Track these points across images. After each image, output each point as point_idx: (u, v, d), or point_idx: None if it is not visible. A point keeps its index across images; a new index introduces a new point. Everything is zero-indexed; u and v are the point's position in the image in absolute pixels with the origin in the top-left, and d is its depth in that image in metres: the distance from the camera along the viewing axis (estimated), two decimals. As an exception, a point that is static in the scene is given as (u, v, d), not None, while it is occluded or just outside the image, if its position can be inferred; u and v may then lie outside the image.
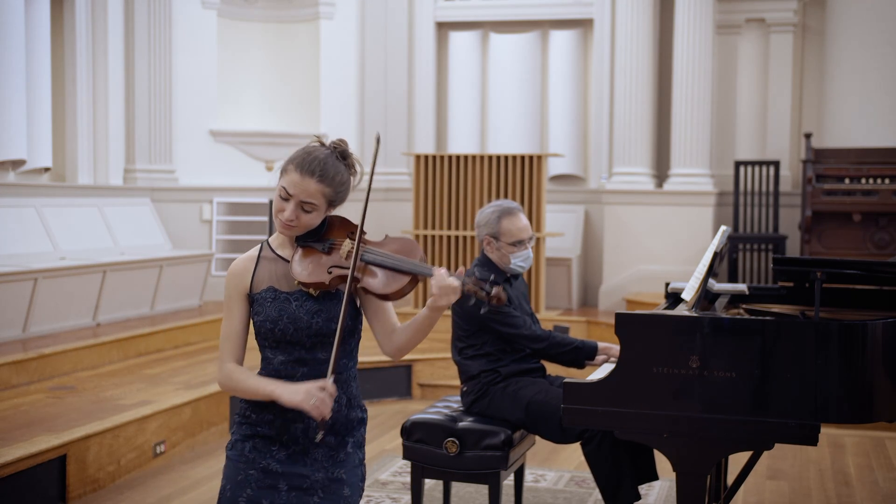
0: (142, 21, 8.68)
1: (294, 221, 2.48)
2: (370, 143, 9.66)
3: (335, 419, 2.51)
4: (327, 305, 2.49)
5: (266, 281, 2.51)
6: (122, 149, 8.72)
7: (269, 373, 2.51)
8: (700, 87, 8.44)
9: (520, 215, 4.07)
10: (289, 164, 2.49)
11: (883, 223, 7.95)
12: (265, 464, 2.49)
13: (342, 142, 2.56)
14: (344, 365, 2.57)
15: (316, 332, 2.48)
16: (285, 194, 2.47)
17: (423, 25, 9.58)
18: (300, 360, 2.49)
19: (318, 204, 2.49)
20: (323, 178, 2.48)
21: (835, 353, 3.12)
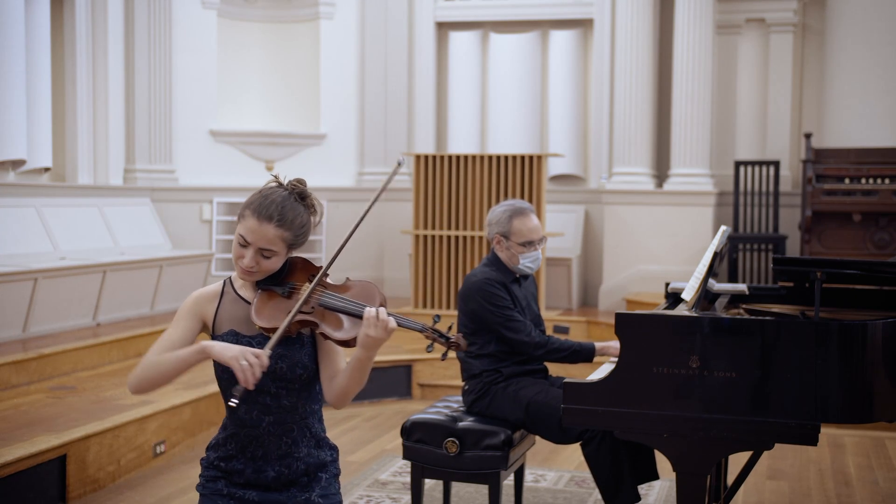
0: (142, 21, 8.68)
1: (254, 268, 2.44)
2: (371, 143, 9.66)
3: (307, 463, 2.51)
4: (291, 351, 2.46)
5: (227, 323, 2.48)
6: (122, 149, 8.72)
7: (235, 423, 2.49)
8: (700, 87, 8.44)
9: (531, 216, 4.07)
10: (245, 209, 2.44)
11: (883, 223, 7.95)
12: (240, 495, 2.49)
13: (300, 182, 2.51)
14: (310, 409, 2.54)
15: (280, 377, 2.45)
16: (243, 241, 2.42)
17: (423, 25, 9.58)
18: (265, 408, 2.46)
19: (278, 249, 2.44)
20: (282, 223, 2.42)
21: (835, 353, 3.12)
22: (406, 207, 9.29)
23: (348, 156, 9.69)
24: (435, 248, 8.34)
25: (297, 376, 2.46)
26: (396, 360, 7.02)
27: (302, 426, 2.51)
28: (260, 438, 2.48)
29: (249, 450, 2.49)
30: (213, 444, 2.56)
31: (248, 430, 2.48)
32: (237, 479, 2.50)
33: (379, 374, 6.90)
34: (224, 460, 2.51)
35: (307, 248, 9.34)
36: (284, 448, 2.49)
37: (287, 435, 2.49)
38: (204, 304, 2.51)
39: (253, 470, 2.49)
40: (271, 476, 2.48)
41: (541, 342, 3.98)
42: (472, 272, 4.11)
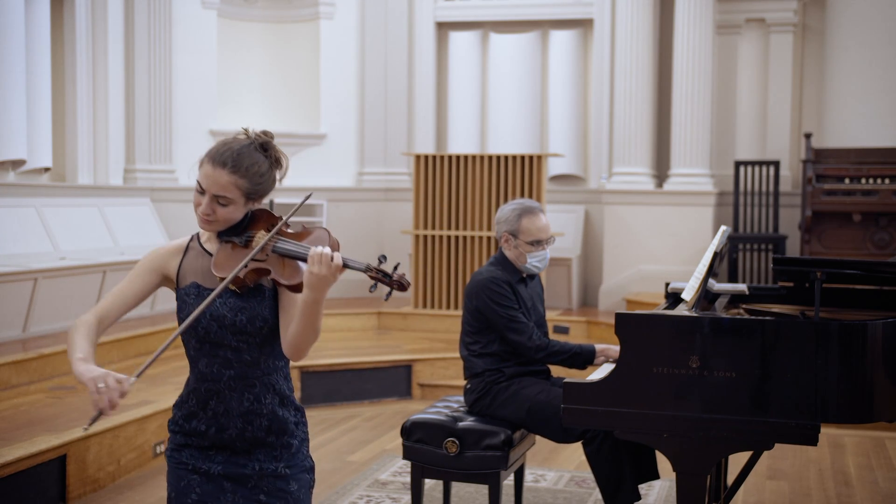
0: (142, 21, 8.68)
1: (211, 216, 2.40)
2: (371, 143, 9.66)
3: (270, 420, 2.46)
4: (251, 303, 2.41)
5: (191, 276, 2.45)
6: (122, 149, 8.72)
7: (196, 377, 2.45)
8: (700, 87, 8.44)
9: (540, 215, 4.07)
10: (204, 156, 2.42)
11: (883, 223, 7.95)
12: (206, 468, 2.44)
13: (266, 133, 2.47)
14: (273, 365, 2.48)
15: (240, 329, 2.40)
16: (199, 188, 2.39)
17: (423, 25, 9.58)
18: (226, 361, 2.42)
19: (233, 197, 2.39)
20: (235, 170, 2.37)
21: (835, 353, 3.12)
22: (406, 207, 9.29)
23: (348, 156, 9.69)
24: (435, 248, 8.35)
25: (257, 329, 2.40)
26: (396, 361, 7.02)
27: (265, 382, 2.45)
28: (221, 394, 2.43)
29: (211, 405, 2.43)
30: (178, 401, 2.51)
31: (208, 385, 2.42)
32: (200, 441, 2.45)
33: (379, 374, 6.90)
34: (186, 419, 2.46)
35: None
36: (247, 404, 2.43)
37: (249, 391, 2.43)
38: (166, 258, 2.48)
39: (216, 429, 2.44)
40: (234, 434, 2.43)
41: (541, 346, 3.98)
42: (478, 270, 4.12)
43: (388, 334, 8.13)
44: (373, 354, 7.13)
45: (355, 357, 6.98)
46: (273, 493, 2.45)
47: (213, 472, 2.44)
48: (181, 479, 2.45)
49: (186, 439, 2.47)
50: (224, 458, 2.45)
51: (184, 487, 2.44)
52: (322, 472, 5.13)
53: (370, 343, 7.69)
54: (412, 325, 8.32)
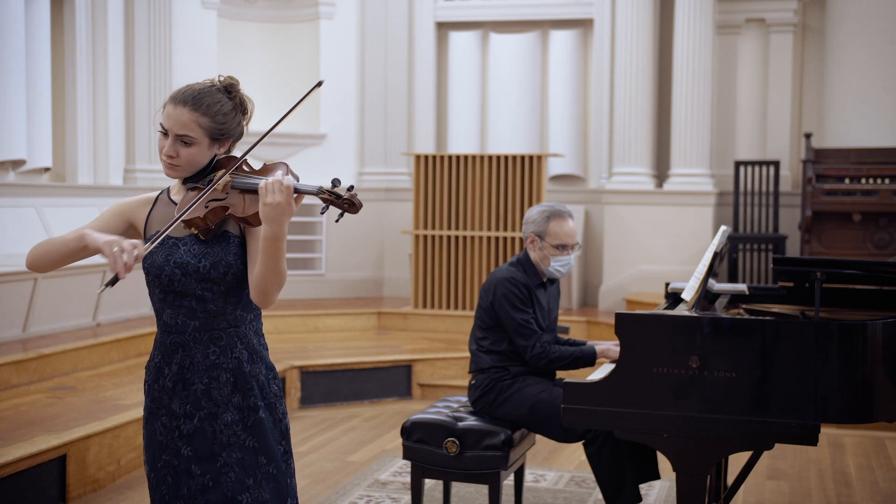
0: (142, 21, 8.68)
1: (175, 159, 2.39)
2: (371, 143, 9.66)
3: (236, 376, 2.40)
4: (215, 249, 2.37)
5: (157, 224, 2.44)
6: (122, 149, 8.72)
7: (162, 329, 2.42)
8: (700, 87, 8.44)
9: (568, 220, 4.07)
10: (167, 99, 2.42)
11: (883, 223, 7.95)
12: (176, 448, 2.40)
13: (231, 78, 2.48)
14: (241, 317, 2.43)
15: (203, 276, 2.35)
16: (162, 129, 2.39)
17: (423, 25, 9.58)
18: (190, 311, 2.38)
19: (196, 137, 2.38)
20: (197, 107, 2.37)
21: (835, 353, 3.12)
22: (406, 207, 9.30)
23: (348, 156, 9.68)
24: (435, 248, 8.35)
25: (220, 275, 2.36)
26: (396, 361, 7.02)
27: (232, 335, 2.40)
28: (186, 346, 2.39)
29: (176, 359, 2.39)
30: (148, 362, 2.48)
31: (174, 338, 2.39)
32: (168, 405, 2.40)
33: (379, 374, 6.90)
34: (155, 378, 2.42)
35: (307, 246, 9.34)
36: (213, 357, 2.39)
37: (215, 343, 2.39)
38: (134, 207, 2.48)
39: (182, 384, 2.39)
40: (199, 390, 2.38)
41: (542, 354, 3.98)
42: (498, 268, 4.13)
43: (388, 334, 8.13)
44: (373, 354, 7.13)
45: (355, 357, 6.98)
46: (243, 470, 2.39)
47: (182, 453, 2.40)
48: (157, 460, 2.43)
49: (156, 406, 2.43)
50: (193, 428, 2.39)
51: (160, 469, 2.43)
52: (322, 472, 5.13)
53: (370, 343, 7.69)
54: (412, 325, 8.32)
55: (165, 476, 2.41)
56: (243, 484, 2.39)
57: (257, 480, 2.40)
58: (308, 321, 8.13)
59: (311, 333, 8.07)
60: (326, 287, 9.30)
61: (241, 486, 2.38)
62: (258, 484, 2.40)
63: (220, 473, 2.38)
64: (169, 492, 2.40)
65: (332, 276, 9.33)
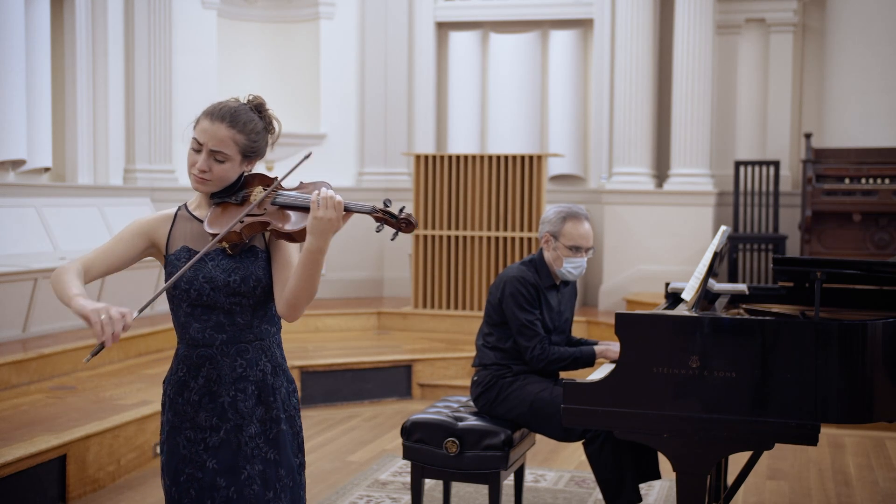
0: (142, 21, 8.68)
1: (207, 174, 2.40)
2: (371, 143, 9.66)
3: (260, 388, 2.44)
4: (244, 263, 2.40)
5: (180, 240, 2.44)
6: (122, 149, 8.72)
7: (187, 343, 2.42)
8: (700, 87, 8.44)
9: (584, 223, 4.06)
10: (200, 115, 2.45)
11: (883, 223, 7.95)
12: (201, 461, 2.41)
13: (258, 97, 2.52)
14: (266, 331, 2.47)
15: (233, 291, 2.38)
16: (196, 145, 2.41)
17: (423, 25, 9.58)
18: (218, 325, 2.40)
19: (231, 154, 2.41)
20: (234, 124, 2.41)
21: (834, 354, 3.12)
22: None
23: (348, 156, 9.68)
24: (435, 248, 8.35)
25: (250, 289, 2.39)
26: (396, 361, 7.02)
27: (258, 348, 2.43)
28: (214, 359, 2.41)
29: (203, 372, 2.41)
30: (167, 378, 2.48)
31: (201, 351, 2.41)
32: (193, 418, 2.41)
33: (379, 374, 6.90)
34: (178, 392, 2.42)
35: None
36: (239, 370, 2.42)
37: (242, 356, 2.42)
38: (155, 225, 2.46)
39: (209, 398, 2.41)
40: (226, 402, 2.41)
41: (541, 356, 3.97)
42: (510, 266, 4.13)
43: (388, 334, 8.13)
44: (373, 354, 7.13)
45: (355, 357, 6.98)
46: (264, 483, 2.42)
47: (208, 465, 2.41)
48: (180, 474, 2.42)
49: (180, 420, 2.43)
50: (219, 441, 2.41)
51: (183, 483, 2.42)
52: (322, 472, 5.13)
53: (370, 343, 7.69)
54: (412, 325, 8.32)
55: (188, 489, 2.41)
56: (264, 497, 2.42)
57: (277, 493, 2.44)
58: (308, 321, 8.13)
59: (312, 333, 8.07)
60: (327, 287, 9.30)
61: (261, 499, 2.42)
62: (277, 497, 2.44)
63: (243, 486, 2.41)
64: None
65: (332, 276, 9.32)
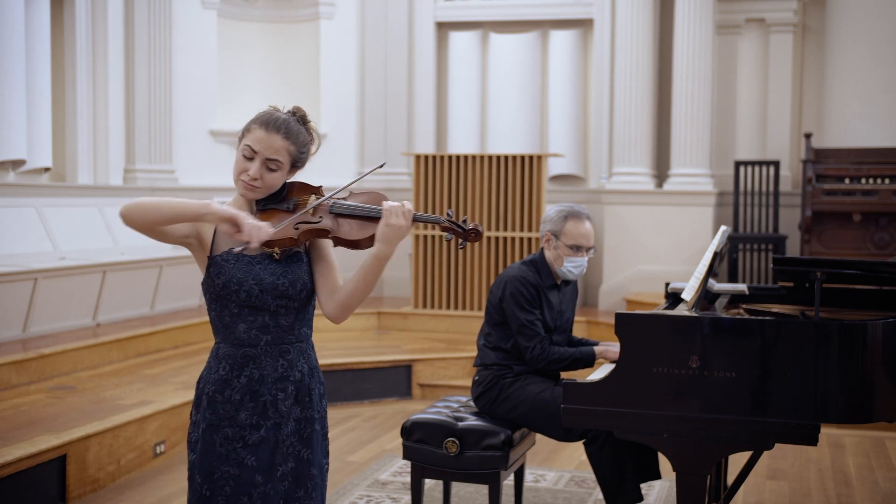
0: (142, 21, 8.68)
1: (258, 181, 2.46)
2: (371, 143, 9.66)
3: (298, 389, 2.50)
4: (291, 268, 2.48)
5: (226, 244, 2.47)
6: (122, 149, 8.72)
7: (231, 344, 2.46)
8: (700, 87, 8.44)
9: (586, 222, 4.06)
10: (251, 124, 2.50)
11: (883, 223, 7.95)
12: (239, 458, 2.44)
13: (301, 109, 2.61)
14: (305, 333, 2.55)
15: (282, 293, 2.46)
16: (250, 153, 2.47)
17: (423, 25, 9.58)
18: (264, 326, 2.47)
19: (283, 162, 2.48)
20: (288, 135, 2.49)
21: (835, 353, 3.12)
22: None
23: (348, 156, 9.68)
24: (435, 248, 8.34)
25: (297, 293, 2.48)
26: (396, 361, 7.02)
27: (297, 350, 2.52)
28: (257, 359, 2.46)
29: (246, 372, 2.46)
30: (206, 376, 2.49)
31: (246, 350, 2.46)
32: (233, 417, 2.44)
33: (379, 374, 6.90)
34: (219, 390, 2.45)
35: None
36: (280, 370, 2.48)
37: (283, 357, 2.49)
38: (202, 224, 2.50)
39: (250, 396, 2.45)
40: (267, 401, 2.46)
41: (541, 356, 3.97)
42: (510, 266, 4.13)
43: (388, 334, 8.13)
44: (373, 354, 7.13)
45: (355, 357, 6.98)
46: (296, 481, 2.49)
47: (246, 462, 2.45)
48: (214, 470, 2.45)
49: (218, 418, 2.46)
50: (258, 439, 2.45)
51: (217, 479, 2.44)
52: (322, 472, 5.12)
53: (370, 343, 7.69)
54: (412, 325, 8.32)
55: (223, 487, 2.44)
56: (294, 494, 2.49)
57: (307, 492, 2.51)
58: (308, 321, 8.12)
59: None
60: (326, 287, 9.30)
61: (292, 496, 2.48)
62: (308, 496, 2.51)
63: (278, 483, 2.47)
64: (227, 501, 2.44)
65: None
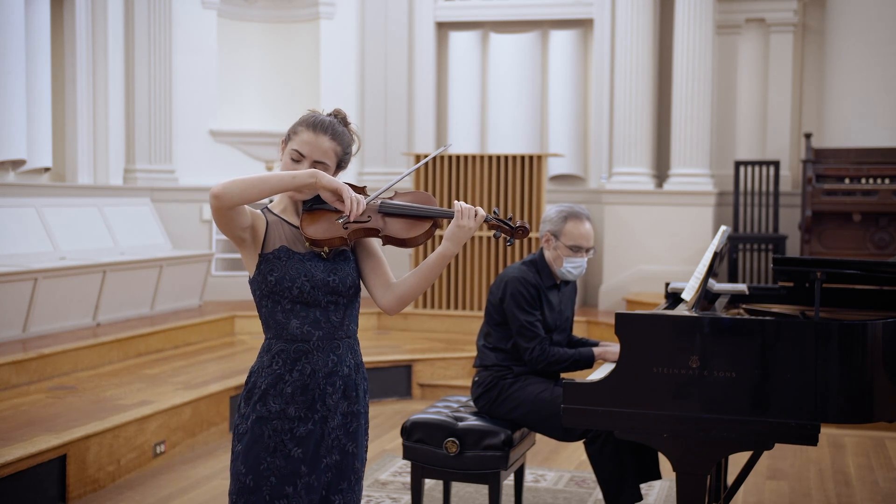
0: (142, 21, 8.68)
1: None
2: (371, 143, 9.66)
3: (346, 383, 2.57)
4: (340, 265, 2.55)
5: (278, 240, 2.53)
6: (122, 149, 8.72)
7: (284, 339, 2.52)
8: (700, 87, 8.44)
9: (585, 222, 4.06)
10: (298, 126, 2.56)
11: (883, 223, 7.95)
12: (286, 450, 2.50)
13: (342, 111, 2.65)
14: (353, 330, 2.62)
15: (332, 290, 2.52)
16: (297, 156, 2.53)
17: (423, 25, 9.58)
18: (315, 322, 2.52)
19: (330, 164, 2.55)
20: (335, 137, 2.56)
21: (835, 353, 3.12)
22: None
23: (348, 156, 9.68)
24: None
25: (347, 289, 2.54)
26: (396, 361, 7.02)
27: (346, 345, 2.58)
28: (309, 354, 2.52)
29: (298, 366, 2.51)
30: (257, 369, 2.54)
31: (299, 346, 2.52)
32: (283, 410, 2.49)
33: (379, 374, 6.90)
34: (272, 384, 2.50)
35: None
36: (330, 365, 2.54)
37: (334, 352, 2.55)
38: (258, 215, 2.56)
39: (301, 390, 2.50)
40: (315, 395, 2.51)
41: (540, 357, 3.97)
42: (510, 266, 4.13)
43: (388, 334, 8.13)
44: (373, 354, 7.13)
45: (355, 357, 6.97)
46: (340, 472, 2.54)
47: (292, 454, 2.50)
48: (260, 462, 2.50)
49: (268, 411, 2.51)
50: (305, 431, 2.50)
51: (262, 471, 2.49)
52: (322, 472, 5.12)
53: (370, 343, 7.69)
54: (412, 325, 8.32)
55: (269, 477, 2.49)
56: (337, 486, 2.55)
57: (351, 484, 2.58)
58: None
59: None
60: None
61: (336, 488, 2.55)
62: (351, 488, 2.58)
63: (322, 474, 2.53)
64: (271, 492, 2.49)
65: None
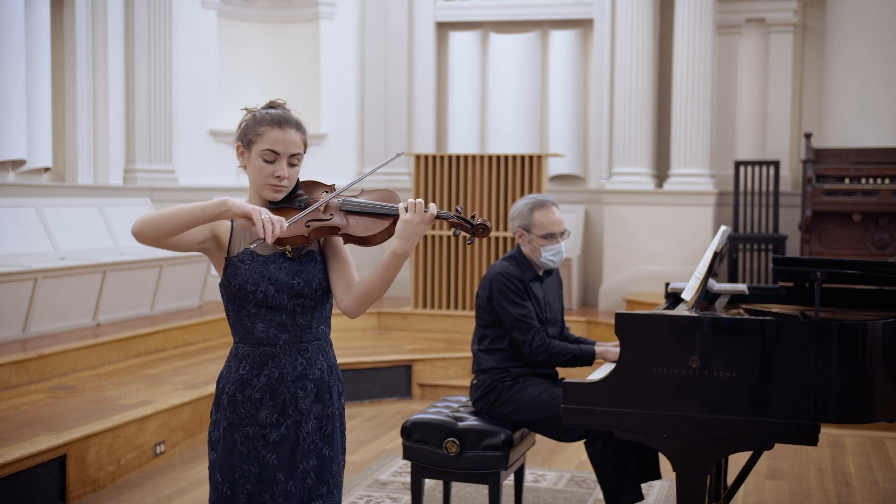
0: (142, 21, 8.68)
1: (285, 180, 2.51)
2: (371, 143, 9.66)
3: (318, 386, 2.52)
4: (306, 267, 2.49)
5: (242, 244, 2.50)
6: (122, 149, 8.72)
7: (250, 343, 2.48)
8: (700, 87, 8.44)
9: (553, 209, 4.06)
10: (258, 128, 2.53)
11: (883, 223, 7.95)
12: (260, 457, 2.47)
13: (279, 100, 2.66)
14: (323, 332, 2.56)
15: (297, 293, 2.47)
16: (272, 155, 2.50)
17: (423, 25, 9.58)
18: (281, 325, 2.48)
19: (302, 155, 2.53)
20: (299, 128, 2.55)
21: (834, 353, 3.12)
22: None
23: (348, 156, 9.68)
24: (435, 249, 8.35)
25: (313, 291, 2.49)
26: (396, 361, 7.02)
27: (316, 348, 2.53)
28: (276, 358, 2.48)
29: (266, 371, 2.48)
30: (225, 376, 2.52)
31: (265, 349, 2.48)
32: (253, 416, 2.47)
33: (379, 374, 6.90)
34: (240, 390, 2.48)
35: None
36: (300, 369, 2.50)
37: (302, 355, 2.51)
38: (219, 221, 2.51)
39: (270, 395, 2.47)
40: (286, 399, 2.48)
41: (541, 348, 3.96)
42: (493, 264, 4.12)
43: (388, 334, 8.13)
44: (373, 354, 7.13)
45: (355, 357, 6.98)
46: (318, 477, 2.51)
47: (267, 461, 2.47)
48: (234, 469, 2.47)
49: (239, 417, 2.48)
50: (279, 436, 2.47)
51: (237, 478, 2.47)
52: (322, 472, 5.12)
53: (370, 343, 7.69)
54: (412, 325, 8.32)
55: (244, 485, 2.47)
56: (317, 491, 2.52)
57: (329, 488, 2.54)
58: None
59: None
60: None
61: (315, 493, 2.51)
62: (330, 492, 2.54)
63: (300, 480, 2.50)
64: (248, 499, 2.47)
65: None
